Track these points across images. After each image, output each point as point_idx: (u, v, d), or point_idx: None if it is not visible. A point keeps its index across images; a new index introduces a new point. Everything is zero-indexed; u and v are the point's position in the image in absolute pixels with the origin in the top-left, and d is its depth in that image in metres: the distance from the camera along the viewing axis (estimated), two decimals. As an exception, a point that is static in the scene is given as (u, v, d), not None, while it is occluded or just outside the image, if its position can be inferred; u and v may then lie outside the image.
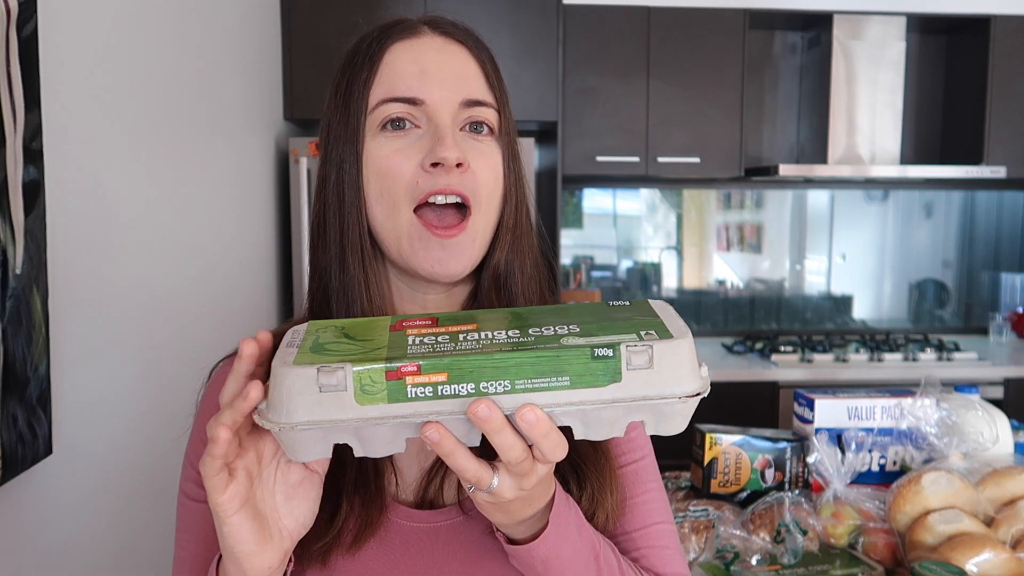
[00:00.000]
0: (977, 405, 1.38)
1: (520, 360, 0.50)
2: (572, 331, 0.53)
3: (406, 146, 0.66)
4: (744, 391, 2.79)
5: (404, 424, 0.51)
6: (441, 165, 0.64)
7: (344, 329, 0.56)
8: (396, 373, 0.50)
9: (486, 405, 0.49)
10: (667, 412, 0.52)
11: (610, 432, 0.52)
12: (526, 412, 0.49)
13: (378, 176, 0.66)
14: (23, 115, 1.04)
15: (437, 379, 0.50)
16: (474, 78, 0.68)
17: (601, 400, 0.50)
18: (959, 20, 3.12)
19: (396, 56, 0.68)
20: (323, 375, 0.50)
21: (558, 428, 0.51)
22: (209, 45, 1.92)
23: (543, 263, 0.74)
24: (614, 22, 2.98)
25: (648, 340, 0.51)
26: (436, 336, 0.53)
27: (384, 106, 0.66)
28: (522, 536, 0.61)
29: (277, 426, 0.50)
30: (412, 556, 0.66)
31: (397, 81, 0.66)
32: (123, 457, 1.40)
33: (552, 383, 0.50)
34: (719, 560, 1.19)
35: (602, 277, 3.49)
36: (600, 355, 0.50)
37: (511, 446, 0.51)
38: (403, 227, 0.66)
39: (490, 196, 0.67)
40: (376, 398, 0.50)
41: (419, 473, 0.69)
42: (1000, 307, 3.56)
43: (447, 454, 0.51)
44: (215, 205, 1.97)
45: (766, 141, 3.35)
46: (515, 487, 0.54)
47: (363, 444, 0.52)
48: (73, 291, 1.23)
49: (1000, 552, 1.11)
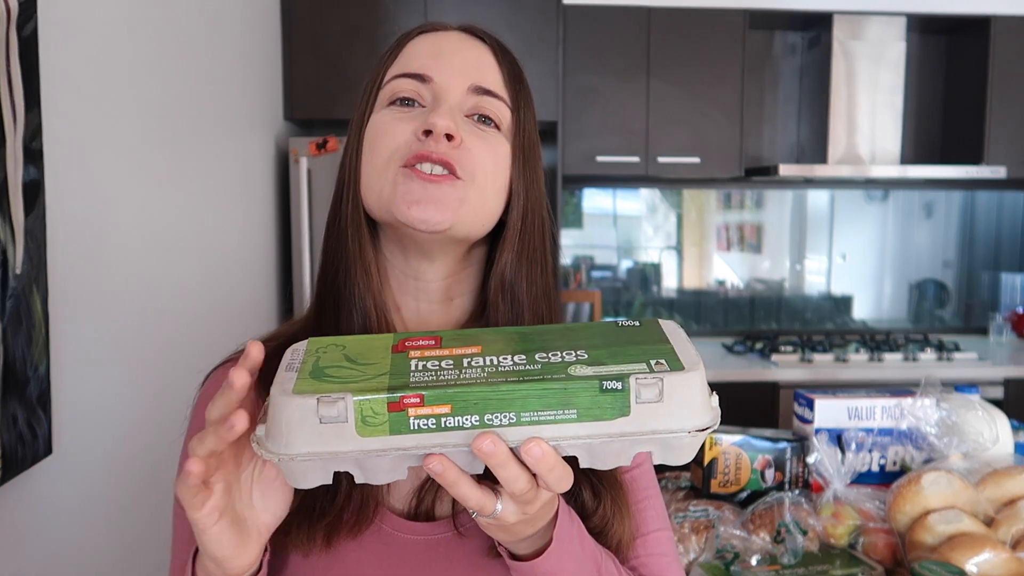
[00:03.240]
0: (977, 405, 1.38)
1: (527, 392, 0.49)
2: (580, 358, 0.51)
3: (406, 117, 0.65)
4: (744, 391, 2.79)
5: (406, 455, 0.50)
6: (432, 133, 0.62)
7: (345, 350, 0.54)
8: (398, 404, 0.48)
9: (491, 440, 0.48)
10: (675, 445, 0.51)
11: (616, 462, 0.51)
12: (532, 447, 0.49)
13: (371, 140, 0.66)
14: (23, 115, 1.04)
15: (440, 411, 0.48)
16: (489, 70, 0.68)
17: (608, 434, 0.49)
18: (959, 20, 3.12)
19: (417, 43, 0.69)
20: (323, 406, 0.48)
21: (563, 459, 0.51)
22: (209, 45, 1.92)
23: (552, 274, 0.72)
24: (614, 22, 2.98)
25: (659, 371, 0.49)
26: (440, 360, 0.52)
27: (394, 82, 0.67)
28: (525, 552, 0.60)
29: (276, 456, 0.49)
30: (410, 567, 0.65)
31: (412, 60, 0.67)
32: (123, 457, 1.40)
33: (559, 416, 0.49)
34: (719, 560, 1.19)
35: (602, 277, 3.49)
36: (609, 388, 0.49)
37: (516, 478, 0.50)
38: (387, 179, 0.64)
39: (485, 176, 0.65)
40: (378, 430, 0.48)
41: (413, 484, 0.68)
42: (1000, 307, 3.56)
43: (450, 484, 0.50)
44: (215, 205, 1.97)
45: (766, 141, 3.35)
46: (518, 512, 0.53)
47: (364, 472, 0.51)
48: (73, 291, 1.23)
49: (1000, 552, 1.11)
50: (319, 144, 2.60)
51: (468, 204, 0.64)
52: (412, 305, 0.70)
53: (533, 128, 0.70)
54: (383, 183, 0.64)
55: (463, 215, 0.64)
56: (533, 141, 0.69)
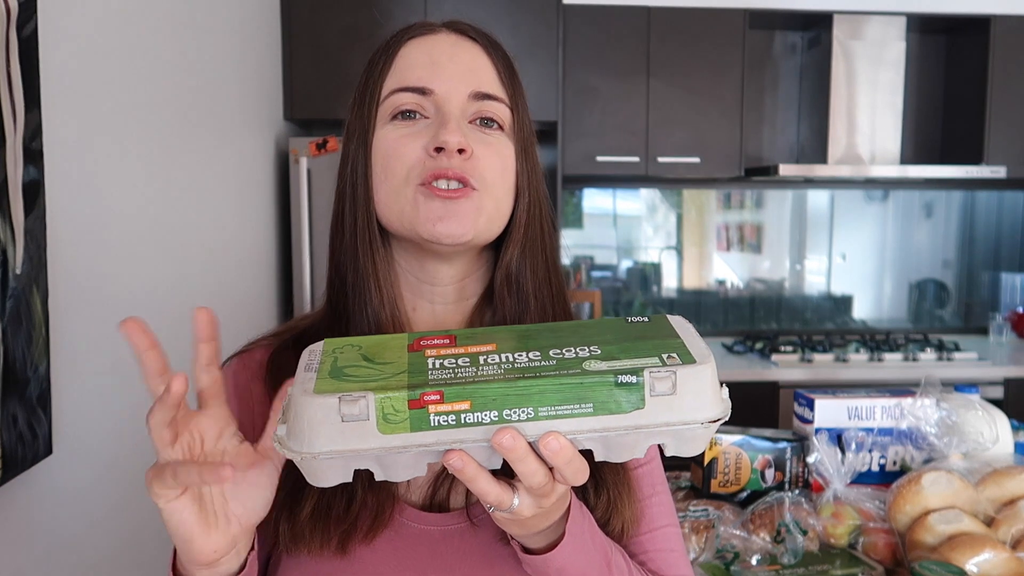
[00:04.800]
0: (977, 405, 1.38)
1: (543, 387, 0.50)
2: (593, 353, 0.52)
3: (413, 132, 0.67)
4: (744, 391, 2.78)
5: (426, 451, 0.50)
6: (444, 150, 0.65)
7: (362, 350, 0.55)
8: (419, 401, 0.49)
9: (511, 435, 0.49)
10: (688, 436, 0.52)
11: (631, 455, 0.52)
12: (550, 440, 0.49)
13: (383, 159, 0.67)
14: (23, 115, 1.04)
15: (460, 407, 0.49)
16: (485, 72, 0.69)
17: (624, 427, 0.50)
18: (959, 20, 3.12)
19: (410, 50, 0.69)
20: (345, 404, 0.49)
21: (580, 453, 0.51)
22: (209, 45, 1.92)
23: (558, 263, 0.74)
24: (614, 22, 2.98)
25: (671, 365, 0.51)
26: (456, 358, 0.53)
27: (394, 96, 0.68)
28: (537, 546, 0.61)
29: (299, 455, 0.50)
30: (424, 557, 0.66)
31: (408, 71, 0.68)
32: (123, 457, 1.40)
33: (575, 410, 0.50)
34: (719, 560, 1.19)
35: (602, 277, 3.49)
36: (624, 382, 0.50)
37: (534, 472, 0.51)
38: (407, 198, 0.66)
39: (495, 181, 0.68)
40: (399, 427, 0.49)
41: (428, 477, 0.69)
42: (1000, 307, 3.55)
43: (469, 479, 0.51)
44: (215, 205, 1.97)
45: (766, 141, 3.35)
46: (534, 506, 0.54)
47: (384, 470, 0.52)
48: (73, 291, 1.23)
49: (1000, 552, 1.11)
50: (319, 144, 2.60)
51: (484, 211, 0.67)
52: (427, 308, 0.73)
53: (529, 121, 0.72)
54: (403, 203, 0.66)
55: (481, 223, 0.67)
56: (531, 134, 0.72)
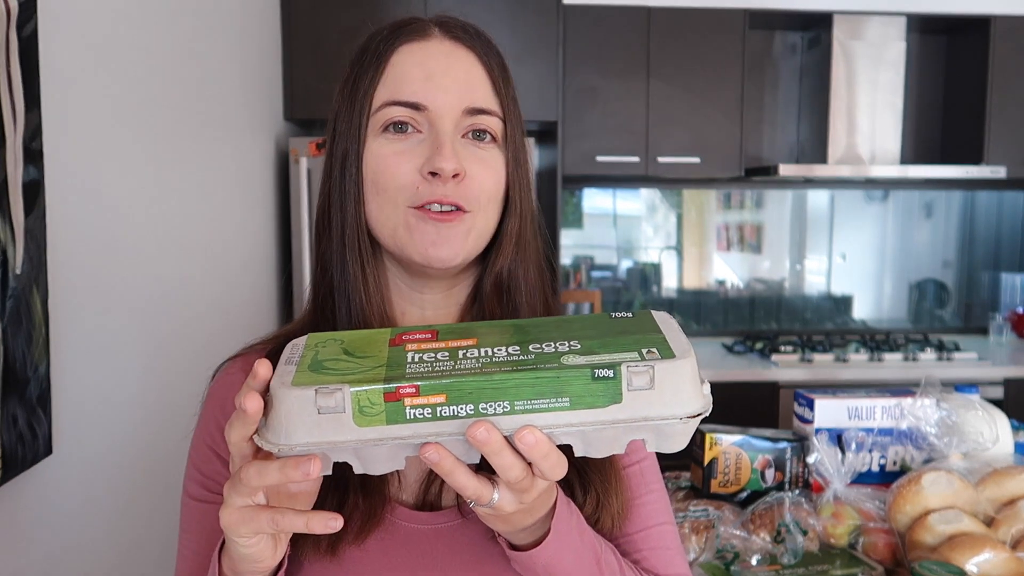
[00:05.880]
0: (977, 405, 1.38)
1: (520, 381, 0.50)
2: (573, 348, 0.52)
3: (406, 149, 0.66)
4: (744, 391, 2.78)
5: (403, 444, 0.51)
6: (439, 176, 0.64)
7: (343, 344, 0.56)
8: (394, 394, 0.49)
9: (485, 428, 0.49)
10: (668, 432, 0.51)
11: (611, 450, 0.52)
12: (525, 434, 0.49)
13: (376, 175, 0.67)
14: (23, 115, 1.04)
15: (436, 400, 0.49)
16: (480, 85, 0.68)
17: (601, 421, 0.50)
18: (959, 20, 3.12)
19: (403, 58, 0.68)
20: (321, 397, 0.49)
21: (558, 447, 0.51)
22: (209, 45, 1.92)
23: (546, 269, 0.74)
24: (614, 22, 2.97)
25: (650, 359, 0.50)
26: (435, 352, 0.53)
27: (387, 109, 0.66)
28: (524, 542, 0.61)
29: (276, 447, 0.50)
30: (414, 556, 0.66)
31: (402, 84, 0.66)
32: (123, 457, 1.40)
33: (552, 404, 0.50)
34: (719, 560, 1.19)
35: (602, 277, 3.49)
36: (600, 376, 0.50)
37: (510, 466, 0.51)
38: (399, 218, 0.66)
39: (489, 200, 0.68)
40: (375, 420, 0.50)
41: (420, 475, 0.69)
42: (1000, 307, 3.55)
43: (446, 473, 0.51)
44: (215, 205, 1.97)
45: (766, 141, 3.35)
46: (515, 501, 0.54)
47: (363, 463, 0.52)
48: (73, 291, 1.23)
49: (1000, 552, 1.11)
50: (319, 144, 2.59)
51: (475, 230, 0.67)
52: (417, 313, 0.73)
53: (522, 128, 0.71)
54: (395, 223, 0.66)
55: (470, 243, 0.67)
56: (522, 141, 0.71)
